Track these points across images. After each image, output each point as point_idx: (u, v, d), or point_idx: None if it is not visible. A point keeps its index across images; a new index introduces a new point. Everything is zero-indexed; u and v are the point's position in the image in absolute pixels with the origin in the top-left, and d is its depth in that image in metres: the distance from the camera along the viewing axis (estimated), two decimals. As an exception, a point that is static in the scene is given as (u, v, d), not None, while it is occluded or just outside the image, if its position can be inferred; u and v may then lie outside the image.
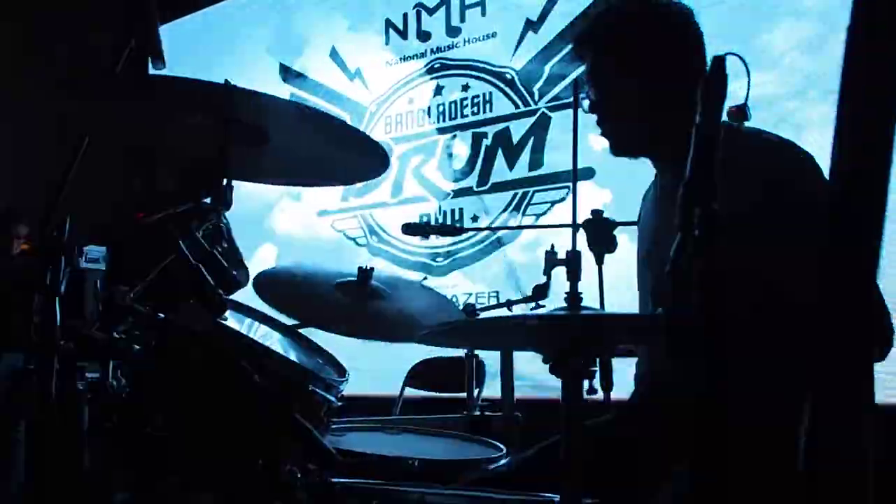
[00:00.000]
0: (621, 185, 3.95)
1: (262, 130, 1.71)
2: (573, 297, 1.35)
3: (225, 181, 1.69)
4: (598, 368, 1.46)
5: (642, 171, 2.20)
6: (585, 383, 1.45)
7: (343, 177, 2.21)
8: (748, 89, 1.07)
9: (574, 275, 1.39)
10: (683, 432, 1.66)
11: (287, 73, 5.78)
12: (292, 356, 1.89)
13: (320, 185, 4.67)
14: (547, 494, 1.54)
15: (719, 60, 1.03)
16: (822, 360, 0.79)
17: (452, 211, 4.94)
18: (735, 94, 1.16)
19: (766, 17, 3.81)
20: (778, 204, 1.69)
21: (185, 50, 5.94)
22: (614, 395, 2.07)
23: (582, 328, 1.31)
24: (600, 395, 1.55)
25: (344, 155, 1.81)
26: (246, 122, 1.66)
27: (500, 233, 4.67)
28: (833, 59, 3.73)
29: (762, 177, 1.70)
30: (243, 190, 1.78)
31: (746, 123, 1.29)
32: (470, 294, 4.69)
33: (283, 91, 5.66)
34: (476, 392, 3.10)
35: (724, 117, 1.11)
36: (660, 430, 1.68)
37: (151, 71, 2.16)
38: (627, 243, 2.23)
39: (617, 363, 1.97)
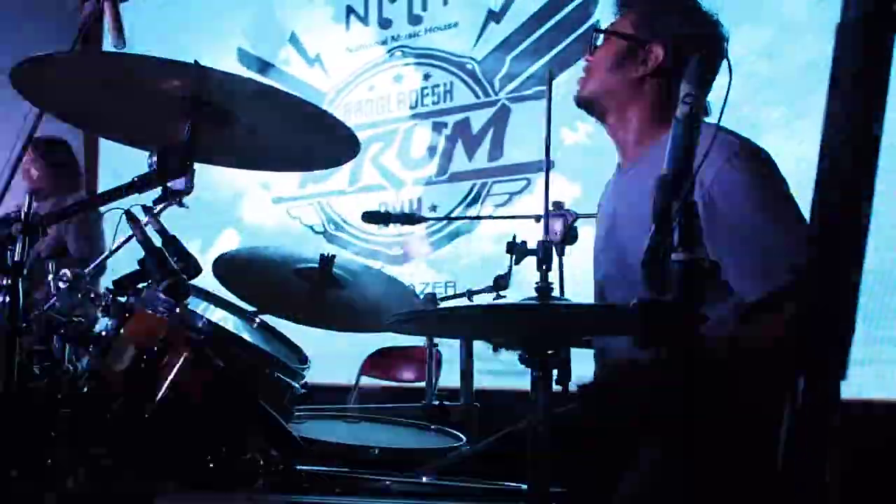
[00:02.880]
0: (590, 179, 3.98)
1: (231, 113, 1.68)
2: (545, 287, 1.35)
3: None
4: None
5: (612, 167, 2.21)
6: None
7: (312, 162, 2.19)
8: (728, 87, 1.07)
9: (546, 265, 1.40)
10: (648, 413, 1.69)
11: (245, 58, 5.71)
12: (253, 341, 1.87)
13: (290, 171, 4.63)
14: (513, 483, 1.55)
15: (703, 58, 1.04)
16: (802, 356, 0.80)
17: (411, 200, 4.93)
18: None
19: (725, 23, 3.87)
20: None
21: (141, 31, 5.82)
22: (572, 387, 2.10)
23: (561, 318, 1.31)
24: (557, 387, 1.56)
25: (314, 140, 1.79)
26: (215, 103, 1.64)
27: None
28: (789, 64, 3.80)
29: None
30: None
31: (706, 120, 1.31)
32: (427, 284, 4.68)
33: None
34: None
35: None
36: (624, 409, 1.70)
37: (113, 50, 2.13)
38: (590, 236, 2.25)
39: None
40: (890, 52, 0.71)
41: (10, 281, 1.37)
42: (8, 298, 1.39)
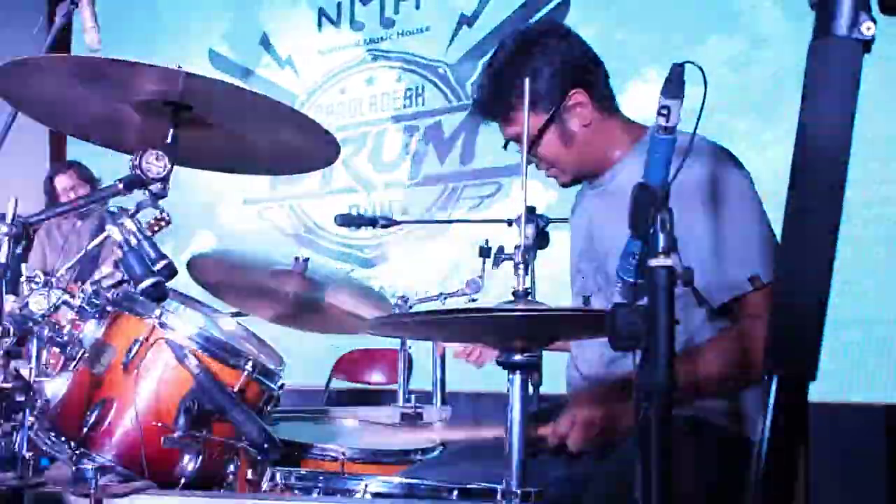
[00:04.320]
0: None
1: (212, 117, 1.70)
2: (525, 291, 1.38)
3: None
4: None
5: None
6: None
7: (292, 166, 2.20)
8: (704, 96, 1.11)
9: (525, 270, 1.42)
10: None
11: (216, 59, 5.70)
12: (231, 343, 1.88)
13: (270, 174, 4.63)
14: (488, 484, 1.57)
15: (679, 68, 1.07)
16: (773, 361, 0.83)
17: (382, 203, 4.95)
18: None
19: (696, 34, 3.96)
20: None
21: (109, 31, 5.77)
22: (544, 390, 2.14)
23: (543, 321, 1.34)
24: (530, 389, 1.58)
25: (294, 144, 1.80)
26: (196, 107, 1.65)
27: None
28: (757, 74, 3.86)
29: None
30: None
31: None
32: (397, 287, 4.70)
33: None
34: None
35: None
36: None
37: (89, 51, 2.13)
38: (561, 241, 2.29)
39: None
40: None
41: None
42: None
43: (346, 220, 3.23)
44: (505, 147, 2.08)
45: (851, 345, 3.46)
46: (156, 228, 4.69)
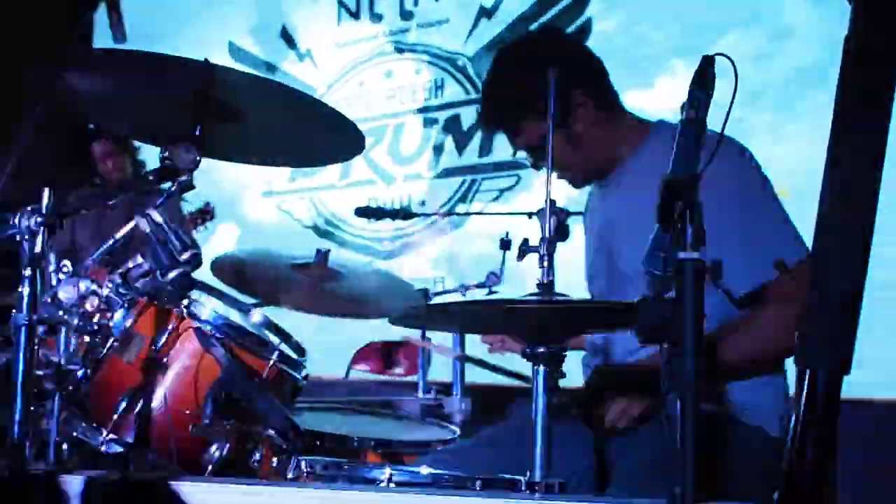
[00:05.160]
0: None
1: (239, 109, 1.71)
2: (547, 284, 1.40)
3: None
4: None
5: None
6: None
7: (316, 158, 2.22)
8: (735, 89, 1.12)
9: (549, 262, 1.44)
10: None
11: (236, 52, 5.71)
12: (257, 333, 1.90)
13: (294, 167, 4.65)
14: (510, 476, 1.58)
15: (709, 60, 1.08)
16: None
17: (401, 195, 4.96)
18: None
19: (717, 28, 3.95)
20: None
21: (130, 23, 5.80)
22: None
23: (572, 314, 1.35)
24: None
25: (318, 136, 1.82)
26: (223, 99, 1.67)
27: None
28: (779, 69, 3.85)
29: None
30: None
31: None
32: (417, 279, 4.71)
33: (232, 69, 5.58)
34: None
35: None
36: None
37: (116, 45, 2.16)
38: (580, 233, 2.30)
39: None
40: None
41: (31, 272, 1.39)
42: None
43: (366, 213, 3.26)
44: (514, 154, 2.10)
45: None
46: (199, 221, 4.69)
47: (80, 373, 1.64)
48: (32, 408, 1.55)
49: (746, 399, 1.86)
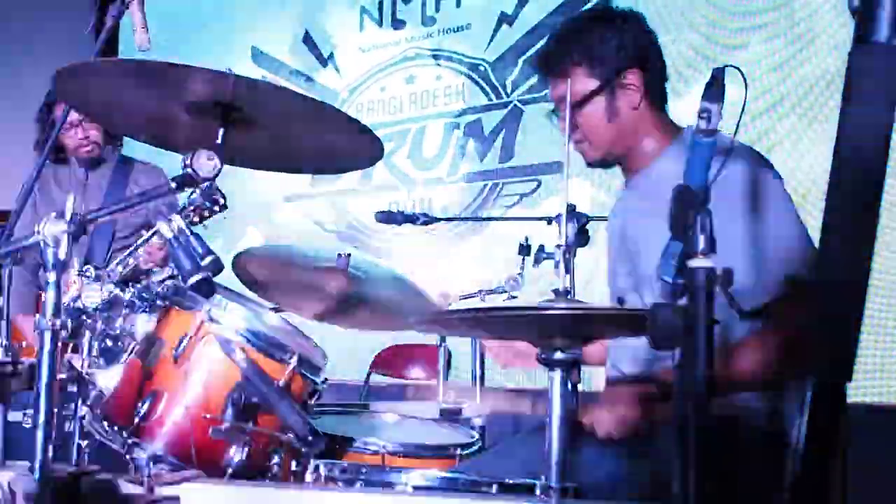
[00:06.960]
0: (603, 182, 4.05)
1: (261, 117, 1.74)
2: (566, 290, 1.41)
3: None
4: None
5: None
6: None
7: (336, 165, 2.25)
8: (745, 100, 1.13)
9: (566, 268, 1.45)
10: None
11: (259, 57, 5.76)
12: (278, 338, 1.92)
13: (315, 174, 4.67)
14: (523, 480, 1.60)
15: (719, 72, 1.09)
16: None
17: (423, 200, 4.99)
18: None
19: (738, 35, 3.95)
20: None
21: (155, 29, 5.86)
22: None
23: (583, 320, 1.36)
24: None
25: (339, 143, 1.85)
26: (245, 108, 1.70)
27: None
28: (800, 77, 3.82)
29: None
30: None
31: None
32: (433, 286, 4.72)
33: (255, 75, 5.63)
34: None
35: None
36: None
37: (138, 51, 2.19)
38: (601, 239, 2.31)
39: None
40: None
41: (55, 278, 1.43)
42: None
43: (387, 217, 3.26)
44: (553, 112, 2.10)
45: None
46: (206, 215, 4.62)
47: (100, 377, 1.67)
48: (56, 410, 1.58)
49: (758, 403, 1.86)
